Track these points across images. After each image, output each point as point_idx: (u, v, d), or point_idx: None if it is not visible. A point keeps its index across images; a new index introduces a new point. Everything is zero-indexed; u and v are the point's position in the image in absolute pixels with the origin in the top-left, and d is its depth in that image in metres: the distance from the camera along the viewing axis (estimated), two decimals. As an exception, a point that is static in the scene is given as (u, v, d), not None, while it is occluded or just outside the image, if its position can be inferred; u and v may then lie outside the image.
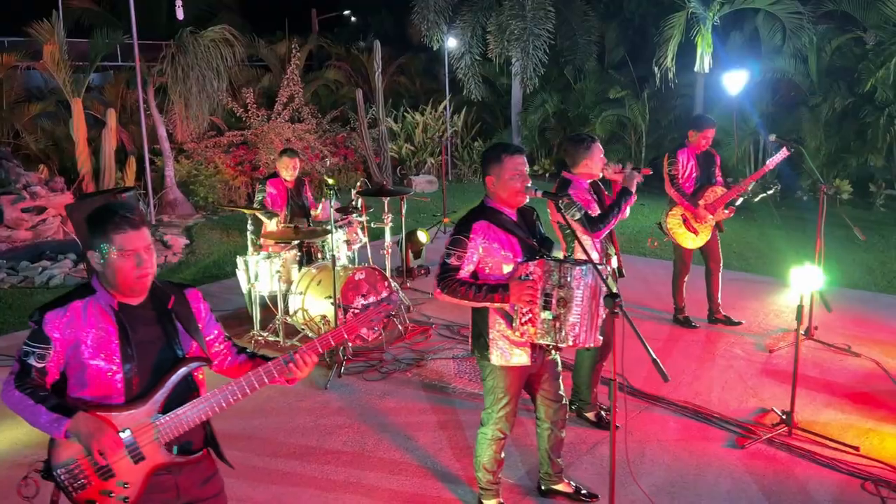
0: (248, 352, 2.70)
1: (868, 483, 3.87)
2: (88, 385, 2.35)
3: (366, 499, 3.84)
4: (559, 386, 3.55)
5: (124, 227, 2.34)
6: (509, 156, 3.28)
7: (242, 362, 2.65)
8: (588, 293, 3.19)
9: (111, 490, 2.35)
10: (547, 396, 3.53)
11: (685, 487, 3.89)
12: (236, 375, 2.56)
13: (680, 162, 6.04)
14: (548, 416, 3.58)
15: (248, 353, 2.69)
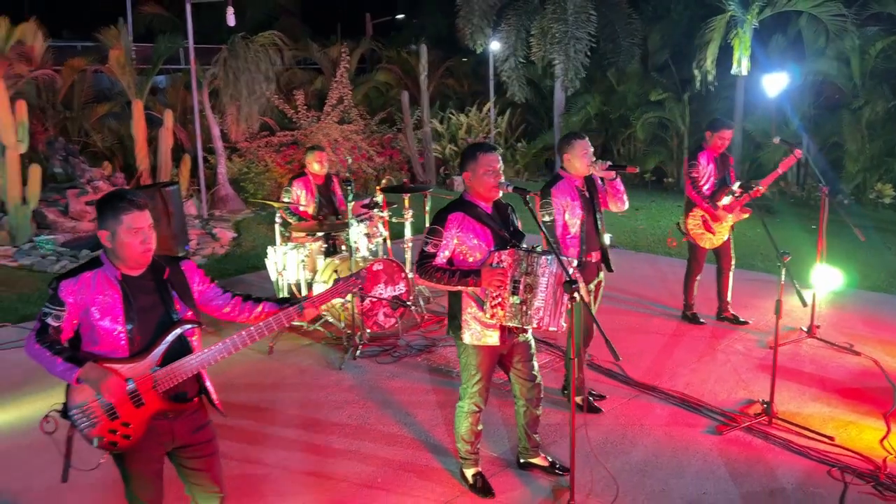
0: (254, 297, 3.08)
1: (834, 470, 4.05)
2: (98, 342, 2.79)
3: (361, 465, 4.22)
4: (533, 366, 3.85)
5: (132, 209, 2.78)
6: (483, 154, 3.61)
7: (259, 309, 3.03)
8: (552, 281, 3.50)
9: (116, 429, 2.78)
10: (521, 376, 3.84)
11: (657, 467, 4.15)
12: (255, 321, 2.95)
13: (700, 164, 6.19)
14: (523, 394, 3.88)
15: (255, 298, 3.07)
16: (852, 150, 11.13)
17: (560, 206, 4.56)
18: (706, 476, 4.04)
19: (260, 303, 3.05)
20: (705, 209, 6.21)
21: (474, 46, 14.41)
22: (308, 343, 6.17)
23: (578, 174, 4.63)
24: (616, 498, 3.79)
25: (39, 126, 12.47)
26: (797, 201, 12.26)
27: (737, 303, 6.69)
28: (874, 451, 4.24)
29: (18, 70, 10.64)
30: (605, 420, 4.71)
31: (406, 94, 14.48)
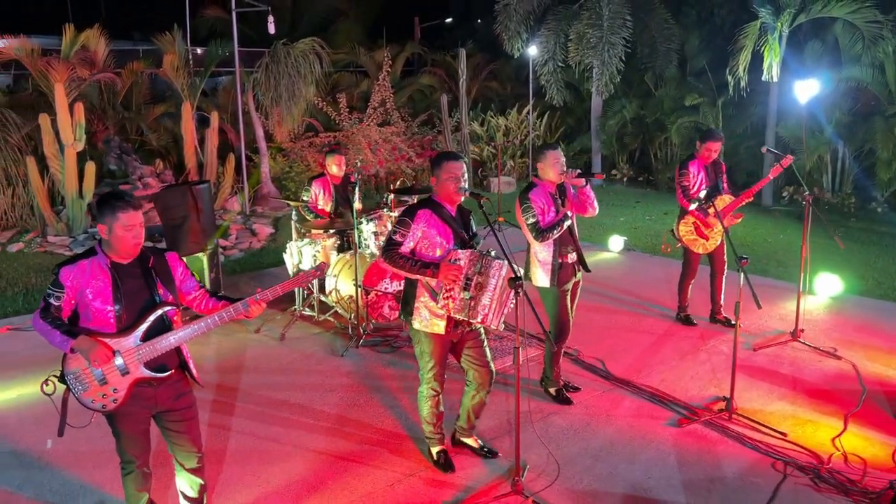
0: (218, 295, 3.55)
1: (778, 462, 4.29)
2: (91, 320, 3.29)
3: (342, 440, 4.66)
4: (485, 353, 4.21)
5: (127, 209, 3.26)
6: (448, 161, 4.00)
7: (215, 303, 3.51)
8: (500, 283, 3.87)
9: (105, 393, 3.28)
10: (473, 361, 4.20)
11: (611, 454, 4.46)
12: (208, 313, 3.42)
13: (690, 173, 6.43)
14: (475, 378, 4.25)
15: (219, 295, 3.55)
16: (884, 157, 11.02)
17: (539, 204, 4.89)
18: (655, 464, 4.34)
19: (221, 300, 3.50)
20: (695, 215, 6.43)
21: (512, 51, 14.72)
22: (318, 332, 6.65)
23: (551, 182, 4.95)
24: (557, 478, 4.13)
25: (100, 125, 13.40)
26: (831, 208, 12.19)
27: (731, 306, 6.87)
28: (823, 448, 4.46)
29: (81, 73, 11.48)
30: (573, 410, 5.04)
31: (445, 98, 14.90)
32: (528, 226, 4.87)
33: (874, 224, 11.07)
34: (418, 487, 4.13)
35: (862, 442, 4.55)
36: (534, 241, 4.90)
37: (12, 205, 10.51)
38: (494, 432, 4.72)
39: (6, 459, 4.49)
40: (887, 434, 4.65)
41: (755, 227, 11.13)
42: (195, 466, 3.57)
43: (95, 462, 4.36)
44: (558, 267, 4.90)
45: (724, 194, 6.47)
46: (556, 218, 4.88)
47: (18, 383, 5.59)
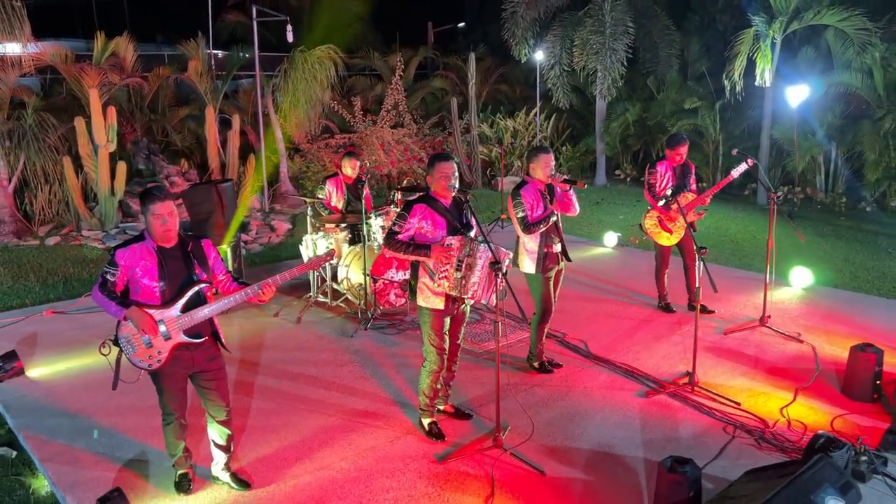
0: (239, 280, 4.24)
1: (728, 426, 4.91)
2: (140, 294, 3.98)
3: (348, 406, 5.33)
4: (461, 332, 4.89)
5: (156, 200, 3.93)
6: (439, 162, 4.66)
7: (236, 286, 4.20)
8: (486, 264, 4.52)
9: (151, 354, 3.97)
10: (451, 338, 4.86)
11: (584, 418, 5.10)
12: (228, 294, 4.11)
13: (658, 172, 7.01)
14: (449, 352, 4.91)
15: (239, 281, 4.23)
16: (871, 159, 11.55)
17: (529, 201, 5.52)
18: (621, 426, 4.97)
19: (240, 284, 4.17)
20: (659, 210, 6.98)
21: (519, 56, 15.35)
22: (331, 316, 7.34)
23: (541, 181, 5.58)
24: (531, 436, 4.78)
25: (128, 127, 14.17)
26: (823, 207, 12.72)
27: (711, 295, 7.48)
28: (771, 415, 5.06)
29: (112, 79, 12.26)
30: (554, 382, 5.68)
31: (454, 101, 15.56)
32: (518, 220, 5.49)
33: (862, 223, 11.59)
34: (414, 443, 4.79)
35: (807, 411, 5.15)
36: (522, 233, 5.53)
37: (49, 201, 11.29)
38: (483, 400, 5.36)
39: (60, 420, 5.20)
40: (832, 405, 5.24)
41: (747, 223, 11.71)
42: (224, 419, 4.26)
43: (136, 420, 5.05)
44: (543, 256, 5.53)
45: (688, 192, 7.01)
46: (543, 214, 5.50)
47: (65, 358, 6.32)
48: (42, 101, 13.28)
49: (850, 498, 3.42)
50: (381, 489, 4.26)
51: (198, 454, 4.54)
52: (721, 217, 12.21)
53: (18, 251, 10.14)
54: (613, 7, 13.93)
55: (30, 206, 11.31)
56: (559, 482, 4.32)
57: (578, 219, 12.14)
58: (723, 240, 10.51)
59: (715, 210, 12.85)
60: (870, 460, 4.31)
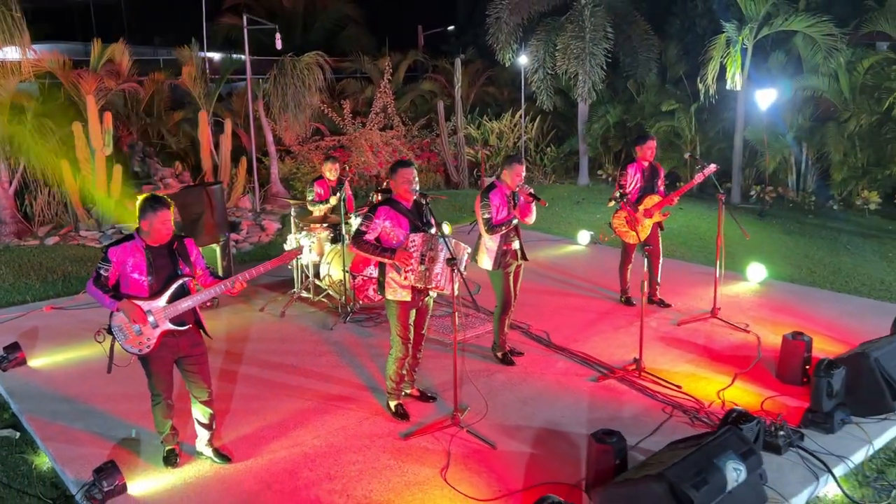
0: (216, 275, 4.72)
1: (667, 406, 5.41)
2: (129, 287, 4.46)
3: (323, 391, 5.82)
4: (425, 323, 5.39)
5: (164, 209, 4.42)
6: (401, 168, 5.15)
7: (213, 280, 4.68)
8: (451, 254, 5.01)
9: (141, 341, 4.45)
10: (416, 328, 5.36)
11: (537, 400, 5.60)
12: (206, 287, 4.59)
13: (628, 174, 7.46)
14: (413, 342, 5.40)
15: (216, 276, 4.71)
16: (837, 159, 12.04)
17: (496, 204, 6.00)
18: (570, 407, 5.47)
19: (217, 278, 4.65)
20: (628, 211, 7.42)
21: (503, 61, 15.83)
22: (313, 311, 7.82)
23: (509, 187, 6.06)
24: (486, 413, 5.29)
25: (124, 130, 14.66)
26: (794, 206, 13.21)
27: (672, 290, 8.00)
28: (708, 397, 5.55)
29: (108, 84, 12.73)
30: (514, 369, 6.17)
31: (441, 104, 16.05)
32: (483, 220, 5.98)
33: (828, 221, 12.08)
34: (381, 423, 5.29)
35: (742, 394, 5.65)
36: (484, 233, 6.02)
37: (48, 203, 11.77)
38: (448, 385, 5.78)
39: (59, 404, 5.68)
40: (766, 388, 5.73)
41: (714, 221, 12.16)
42: (206, 399, 4.75)
43: (128, 405, 5.52)
44: (502, 253, 6.02)
45: (655, 195, 7.48)
46: (507, 218, 6.00)
47: (64, 349, 6.80)
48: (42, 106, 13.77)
49: (751, 463, 3.91)
50: (348, 462, 4.75)
51: (184, 433, 5.02)
52: (694, 215, 12.68)
53: (19, 251, 10.62)
54: (593, 13, 14.41)
55: (30, 207, 11.79)
56: (508, 455, 4.82)
57: (557, 218, 12.68)
58: (692, 237, 11.00)
59: (689, 209, 13.34)
60: (787, 435, 4.80)
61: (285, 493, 4.41)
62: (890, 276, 8.90)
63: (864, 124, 11.83)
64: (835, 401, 5.06)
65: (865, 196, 12.16)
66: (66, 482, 4.66)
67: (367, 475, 4.60)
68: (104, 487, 4.29)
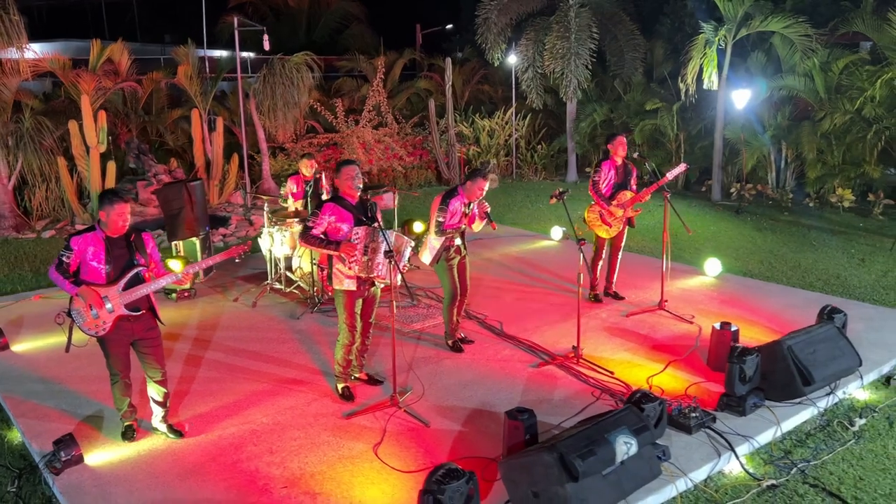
0: (168, 267, 5.12)
1: (596, 390, 5.76)
2: (88, 274, 4.88)
3: (279, 375, 6.22)
4: (372, 313, 5.78)
5: (119, 202, 4.83)
6: (345, 167, 5.53)
7: (165, 271, 5.08)
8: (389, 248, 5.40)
9: (97, 324, 4.87)
10: (363, 318, 5.75)
11: (477, 384, 5.97)
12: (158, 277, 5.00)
13: (602, 171, 7.77)
14: (361, 330, 5.79)
15: (167, 268, 5.12)
16: (810, 157, 12.31)
17: (453, 210, 6.37)
18: (505, 390, 5.84)
19: (169, 269, 5.05)
20: (601, 206, 7.75)
21: (492, 60, 16.18)
22: (284, 301, 8.23)
23: (468, 197, 6.42)
24: (423, 395, 5.68)
25: (123, 128, 15.17)
26: (773, 203, 13.47)
27: (632, 283, 8.34)
28: (637, 383, 5.89)
29: (105, 84, 13.22)
30: (462, 356, 6.55)
31: (432, 102, 16.44)
32: (436, 222, 6.35)
33: (802, 217, 12.35)
34: (328, 404, 5.68)
35: (671, 380, 5.99)
36: (432, 233, 6.39)
37: (46, 198, 12.27)
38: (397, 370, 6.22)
39: (36, 385, 6.12)
40: (696, 375, 6.07)
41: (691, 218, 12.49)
42: (160, 379, 5.16)
43: (98, 386, 5.94)
44: (444, 249, 6.40)
45: (628, 191, 7.79)
46: (457, 225, 6.39)
47: (46, 336, 7.24)
48: (43, 105, 14.30)
49: (642, 438, 4.27)
50: (290, 438, 5.15)
51: (144, 411, 5.43)
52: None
53: (17, 244, 11.12)
54: (578, 13, 14.72)
55: (29, 202, 12.30)
56: (439, 432, 5.20)
57: (537, 214, 13.02)
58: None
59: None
60: (699, 416, 5.15)
61: (227, 465, 4.81)
62: (847, 271, 9.19)
63: (838, 123, 12.08)
64: (749, 386, 5.40)
65: (839, 194, 12.41)
66: (32, 454, 5.09)
67: (305, 450, 4.99)
68: (62, 458, 4.71)
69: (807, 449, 5.13)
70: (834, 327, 5.94)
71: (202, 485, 4.60)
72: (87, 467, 4.82)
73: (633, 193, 7.80)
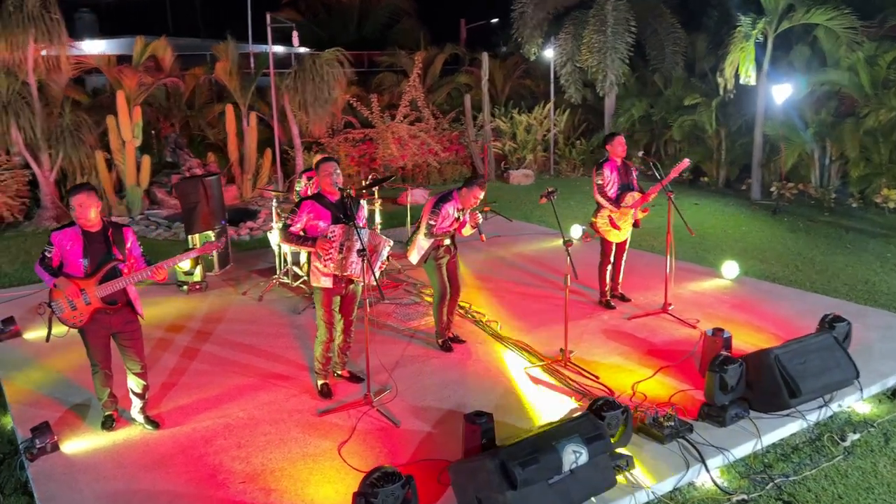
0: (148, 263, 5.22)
1: (577, 394, 5.64)
2: (69, 267, 5.02)
3: (267, 370, 6.29)
4: (353, 310, 5.78)
5: (75, 193, 4.95)
6: (322, 164, 5.55)
7: (143, 266, 5.18)
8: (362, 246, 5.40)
9: (75, 315, 5.02)
10: (344, 315, 5.77)
11: (457, 384, 5.92)
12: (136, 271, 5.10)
13: (605, 174, 7.57)
14: (342, 329, 5.81)
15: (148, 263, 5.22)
16: (853, 156, 11.74)
17: (445, 214, 6.33)
18: (484, 391, 5.77)
19: (146, 264, 5.15)
20: (611, 209, 7.53)
21: (528, 55, 15.99)
22: (290, 296, 8.33)
23: (463, 204, 6.37)
24: (397, 395, 5.66)
25: (166, 123, 15.58)
26: (815, 202, 12.92)
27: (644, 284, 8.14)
28: (622, 388, 5.75)
29: (145, 80, 13.62)
30: (451, 356, 6.51)
31: (467, 97, 16.36)
32: (427, 225, 6.30)
33: (843, 218, 11.81)
34: (306, 400, 5.72)
35: (658, 386, 5.81)
36: (422, 235, 6.36)
37: (86, 190, 12.69)
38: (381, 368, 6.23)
39: (36, 371, 6.36)
40: (685, 382, 5.88)
41: (726, 218, 12.12)
42: (139, 371, 5.29)
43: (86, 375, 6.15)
44: (433, 249, 6.35)
45: (634, 191, 7.59)
46: (447, 229, 6.33)
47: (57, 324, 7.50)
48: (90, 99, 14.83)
49: (595, 447, 4.15)
50: (261, 433, 5.21)
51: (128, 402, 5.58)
52: (707, 212, 12.63)
53: (54, 234, 11.54)
54: (616, 6, 14.40)
55: (71, 194, 12.76)
56: (409, 433, 5.17)
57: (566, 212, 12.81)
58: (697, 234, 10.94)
59: (704, 204, 13.27)
60: (675, 426, 4.99)
61: (194, 458, 4.90)
62: (877, 276, 8.75)
63: (884, 120, 11.49)
64: (731, 395, 5.20)
65: (885, 194, 11.82)
66: (18, 439, 5.28)
67: (272, 445, 5.04)
68: (37, 445, 4.88)
69: (790, 464, 4.93)
70: (831, 337, 5.66)
71: (165, 477, 4.69)
72: (63, 455, 4.99)
73: (640, 194, 7.57)
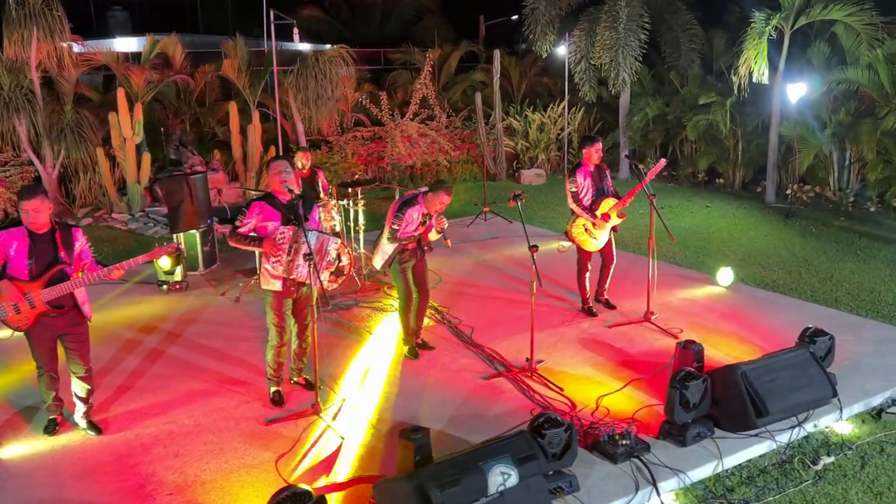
0: (101, 264, 5.10)
1: (536, 407, 5.38)
2: (13, 269, 4.91)
3: (225, 374, 6.14)
4: (307, 314, 5.58)
5: (25, 198, 4.85)
6: (272, 163, 5.39)
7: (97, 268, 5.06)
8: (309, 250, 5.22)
9: (19, 318, 4.91)
10: (298, 320, 5.59)
11: (416, 394, 5.70)
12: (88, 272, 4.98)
13: (577, 180, 7.27)
14: (297, 333, 5.63)
15: (102, 264, 5.10)
16: (871, 158, 11.23)
17: (409, 219, 6.12)
18: (444, 403, 5.53)
19: (101, 266, 5.02)
20: (586, 218, 7.24)
21: (540, 52, 15.68)
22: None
23: (429, 208, 6.16)
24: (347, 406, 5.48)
25: (175, 120, 15.60)
26: (833, 206, 12.41)
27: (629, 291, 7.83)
28: (586, 402, 5.47)
29: (151, 77, 13.64)
30: (417, 363, 6.29)
31: (479, 95, 16.10)
32: (391, 229, 6.09)
33: (858, 223, 11.29)
34: (256, 407, 5.55)
35: (626, 400, 5.53)
36: (385, 238, 6.16)
37: (89, 188, 12.76)
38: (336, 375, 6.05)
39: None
40: (653, 397, 5.57)
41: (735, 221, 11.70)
42: (83, 375, 5.18)
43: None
44: (398, 253, 6.15)
45: (608, 197, 7.29)
46: (411, 234, 6.13)
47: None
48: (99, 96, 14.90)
49: (526, 469, 3.90)
50: (202, 442, 5.06)
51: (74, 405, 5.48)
52: (718, 214, 12.23)
53: (54, 230, 11.60)
54: (628, 2, 14.01)
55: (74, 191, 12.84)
56: (352, 447, 4.97)
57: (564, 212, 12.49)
58: (695, 237, 10.59)
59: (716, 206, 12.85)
60: (630, 444, 4.72)
61: (127, 467, 4.76)
62: (884, 286, 8.30)
63: (901, 121, 10.97)
64: (693, 413, 4.90)
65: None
66: (-39, 442, 5.22)
67: (209, 455, 4.88)
68: (-29, 449, 4.80)
69: (753, 488, 4.62)
70: (807, 352, 5.32)
71: (93, 486, 4.56)
72: (-1, 459, 4.90)
73: (615, 199, 7.24)
